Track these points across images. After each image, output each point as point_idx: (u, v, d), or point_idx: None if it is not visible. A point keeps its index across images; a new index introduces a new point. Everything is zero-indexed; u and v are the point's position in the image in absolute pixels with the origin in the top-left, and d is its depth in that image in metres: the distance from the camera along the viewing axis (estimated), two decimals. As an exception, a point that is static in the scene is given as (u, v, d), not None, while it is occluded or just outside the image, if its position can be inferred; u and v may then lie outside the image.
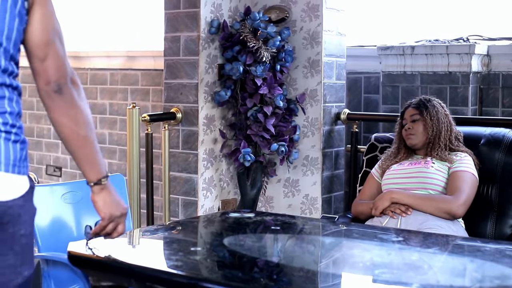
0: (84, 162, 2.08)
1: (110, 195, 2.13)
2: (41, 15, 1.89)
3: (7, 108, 1.83)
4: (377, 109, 4.55)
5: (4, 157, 1.81)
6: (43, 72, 1.93)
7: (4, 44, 1.83)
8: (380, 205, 3.20)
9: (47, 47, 1.91)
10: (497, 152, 3.43)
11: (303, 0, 4.17)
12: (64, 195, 2.89)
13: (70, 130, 1.99)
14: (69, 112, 1.96)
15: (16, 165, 1.83)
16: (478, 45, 4.15)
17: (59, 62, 1.93)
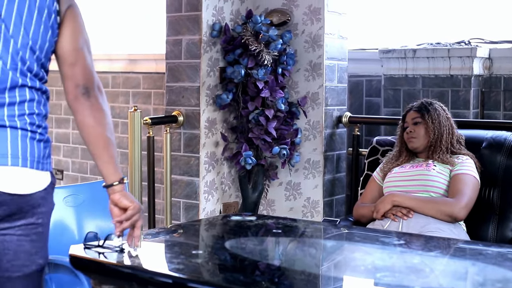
0: (108, 162, 2.18)
1: (127, 192, 2.24)
2: (72, 28, 2.13)
3: (35, 110, 2.05)
4: (379, 112, 4.55)
5: (29, 155, 2.02)
6: (72, 76, 2.13)
7: (37, 52, 2.05)
8: (382, 208, 3.19)
9: (77, 53, 2.12)
10: (498, 155, 3.42)
11: (305, 3, 4.17)
12: (65, 198, 2.90)
13: (95, 131, 2.14)
14: (95, 114, 2.13)
15: (40, 162, 2.04)
16: (480, 48, 4.15)
17: (87, 68, 2.14)
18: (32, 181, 2.03)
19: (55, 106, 5.74)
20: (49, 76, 2.15)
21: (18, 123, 2.01)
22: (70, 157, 5.65)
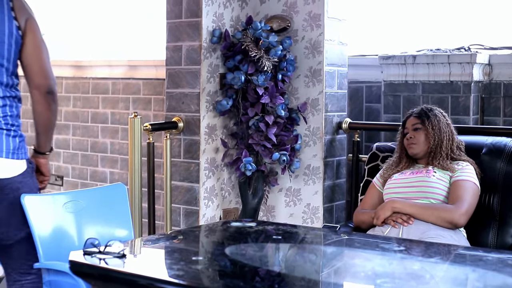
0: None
1: (48, 160, 2.92)
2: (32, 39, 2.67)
3: (8, 112, 2.63)
4: (379, 118, 4.56)
5: (5, 147, 2.61)
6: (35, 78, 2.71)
7: (5, 64, 2.61)
8: (382, 215, 3.19)
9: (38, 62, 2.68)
10: (498, 161, 3.42)
11: (305, 10, 4.18)
12: (65, 204, 2.89)
13: (50, 120, 2.78)
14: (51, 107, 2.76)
15: (15, 153, 2.65)
16: (480, 55, 4.16)
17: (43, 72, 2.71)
18: (9, 168, 2.63)
19: (55, 112, 5.74)
20: None
21: (3, 124, 2.62)
22: (70, 163, 5.65)
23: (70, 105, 5.62)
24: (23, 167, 2.69)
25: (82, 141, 5.57)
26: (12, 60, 2.64)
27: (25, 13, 2.68)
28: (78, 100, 5.56)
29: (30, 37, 2.67)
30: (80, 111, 5.53)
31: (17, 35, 2.64)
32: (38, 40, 2.69)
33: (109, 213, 3.02)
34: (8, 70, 2.63)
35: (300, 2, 4.19)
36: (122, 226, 3.04)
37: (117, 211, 3.05)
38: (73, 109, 5.60)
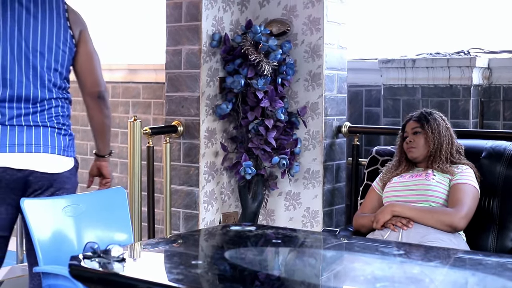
0: None
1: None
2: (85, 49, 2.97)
3: (60, 112, 2.92)
4: (378, 122, 4.56)
5: (57, 145, 2.87)
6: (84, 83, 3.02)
7: (59, 69, 2.90)
8: (381, 218, 3.19)
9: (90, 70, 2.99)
10: (498, 165, 3.42)
11: (304, 14, 4.18)
12: (65, 208, 2.89)
13: (103, 123, 3.08)
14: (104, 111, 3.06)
15: (65, 150, 2.90)
16: (479, 58, 4.16)
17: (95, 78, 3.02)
18: (60, 164, 2.88)
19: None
20: None
21: (48, 123, 2.87)
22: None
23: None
24: (70, 164, 2.94)
25: (81, 145, 5.57)
26: (66, 66, 2.92)
27: (79, 25, 2.97)
28: (77, 103, 5.54)
29: (83, 47, 2.96)
30: (80, 115, 5.53)
31: (71, 44, 2.93)
32: (91, 50, 2.98)
33: (109, 217, 3.02)
34: (62, 75, 2.91)
35: (300, 6, 4.19)
36: (122, 230, 3.04)
37: (116, 215, 3.05)
38: (73, 113, 5.57)
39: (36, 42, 2.85)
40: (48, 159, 2.86)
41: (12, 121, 2.82)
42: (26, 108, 2.84)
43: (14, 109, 2.83)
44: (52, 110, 2.90)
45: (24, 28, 2.83)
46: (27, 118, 2.84)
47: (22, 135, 2.82)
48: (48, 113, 2.89)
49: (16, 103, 2.83)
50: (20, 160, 2.81)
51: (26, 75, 2.83)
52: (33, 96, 2.85)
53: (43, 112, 2.88)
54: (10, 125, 2.82)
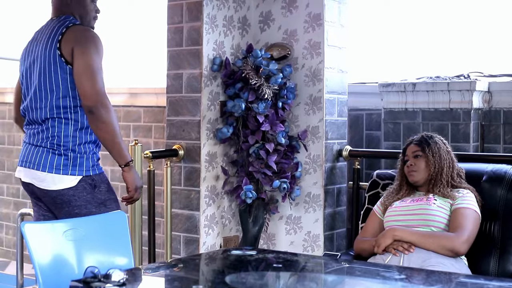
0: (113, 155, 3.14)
1: (134, 173, 3.17)
2: (76, 65, 3.00)
3: (56, 133, 3.03)
4: (379, 145, 4.56)
5: (49, 164, 3.01)
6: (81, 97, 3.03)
7: (54, 89, 3.02)
8: (383, 243, 3.18)
9: (78, 80, 2.99)
10: (499, 189, 3.42)
11: (305, 38, 4.20)
12: (65, 232, 2.88)
13: (101, 137, 3.06)
14: (97, 125, 3.04)
15: (59, 169, 3.01)
16: (479, 82, 4.17)
17: (87, 92, 3.01)
18: (54, 181, 3.00)
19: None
20: None
21: (43, 143, 3.04)
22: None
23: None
24: (72, 182, 3.02)
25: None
26: (62, 85, 3.03)
27: (72, 43, 3.03)
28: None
29: (74, 63, 3.01)
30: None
31: (60, 63, 3.03)
32: (81, 66, 3.00)
33: (109, 241, 3.01)
34: (54, 92, 3.04)
35: (300, 30, 4.21)
36: (122, 254, 3.03)
37: (117, 239, 3.04)
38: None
39: (36, 70, 3.09)
40: (42, 176, 3.05)
41: (27, 139, 3.16)
42: (33, 129, 3.13)
43: (29, 130, 3.17)
44: (49, 130, 3.06)
45: (30, 60, 3.14)
46: (33, 138, 3.12)
47: (27, 152, 3.12)
48: (46, 133, 3.08)
49: (29, 125, 3.16)
50: (24, 174, 3.12)
51: (32, 101, 3.11)
52: (35, 119, 3.11)
53: (42, 132, 3.08)
54: (25, 143, 3.17)
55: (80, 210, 3.02)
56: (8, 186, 6.18)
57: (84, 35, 3.11)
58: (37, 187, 3.10)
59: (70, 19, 3.16)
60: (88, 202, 3.04)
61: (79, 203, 3.03)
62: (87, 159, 3.09)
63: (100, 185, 3.11)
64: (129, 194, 3.19)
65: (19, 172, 3.18)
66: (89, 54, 3.03)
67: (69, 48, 3.03)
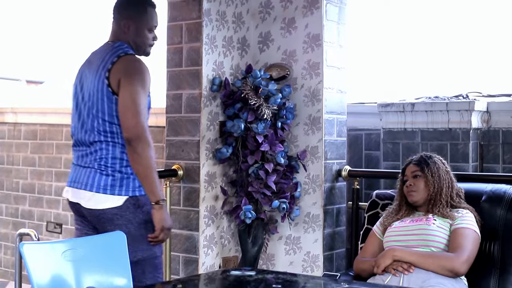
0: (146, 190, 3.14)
1: (163, 213, 3.13)
2: (121, 95, 3.07)
3: (104, 155, 3.11)
4: (378, 165, 4.56)
5: (96, 184, 3.10)
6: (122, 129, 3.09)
7: (98, 114, 3.12)
8: (382, 263, 3.18)
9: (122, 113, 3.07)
10: (498, 209, 3.42)
11: (304, 58, 4.22)
12: (64, 253, 2.87)
13: (135, 169, 3.10)
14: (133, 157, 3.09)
15: (106, 189, 3.08)
16: (478, 102, 4.18)
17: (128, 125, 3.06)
18: (100, 201, 3.08)
19: (55, 159, 5.75)
20: (51, 129, 2.62)
21: (92, 164, 3.12)
22: (69, 211, 5.62)
23: (70, 152, 5.63)
24: (118, 202, 3.08)
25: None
26: (108, 113, 3.11)
27: (119, 74, 3.10)
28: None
29: (119, 94, 3.08)
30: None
31: (107, 92, 3.10)
32: (123, 96, 3.07)
33: (108, 261, 3.01)
34: (105, 121, 3.12)
35: (299, 51, 4.23)
36: (121, 274, 3.02)
37: (116, 259, 3.03)
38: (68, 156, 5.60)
39: (85, 94, 3.19)
40: (88, 196, 3.12)
41: (75, 161, 3.24)
42: (82, 151, 3.20)
43: (77, 152, 3.24)
44: (97, 152, 3.14)
45: (83, 83, 3.22)
46: (81, 160, 3.19)
47: (75, 173, 3.20)
48: (94, 155, 3.15)
49: (77, 147, 3.23)
50: (72, 194, 3.19)
51: (81, 123, 3.19)
52: (84, 140, 3.18)
53: (91, 154, 3.16)
54: (73, 164, 3.25)
55: (120, 228, 3.03)
56: (7, 206, 6.17)
57: (133, 66, 3.14)
58: (83, 207, 3.15)
59: (123, 47, 3.20)
60: (129, 221, 3.09)
61: (121, 222, 3.08)
62: (133, 180, 3.12)
63: (143, 206, 3.13)
64: (155, 233, 3.14)
65: (66, 192, 3.25)
66: (134, 87, 3.08)
67: (116, 79, 3.10)
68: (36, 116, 5.99)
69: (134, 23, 3.25)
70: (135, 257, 3.03)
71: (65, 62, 6.72)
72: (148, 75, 3.15)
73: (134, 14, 3.26)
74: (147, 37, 3.29)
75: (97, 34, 6.41)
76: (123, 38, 3.25)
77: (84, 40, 7.75)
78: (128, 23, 3.25)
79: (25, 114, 6.11)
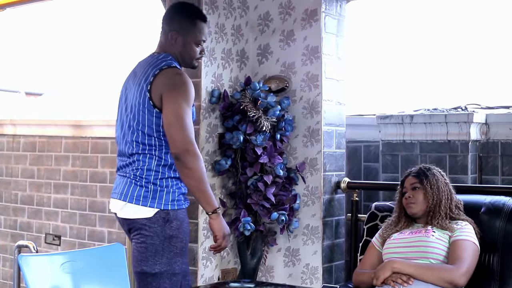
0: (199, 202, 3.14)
1: (221, 221, 3.11)
2: (164, 110, 3.04)
3: (140, 166, 3.10)
4: (377, 177, 4.56)
5: (130, 194, 3.09)
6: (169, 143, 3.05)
7: (141, 128, 3.09)
8: (381, 275, 3.17)
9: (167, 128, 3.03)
10: (497, 221, 3.41)
11: (303, 71, 4.22)
12: (63, 265, 2.88)
13: (187, 183, 3.07)
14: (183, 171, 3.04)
15: (139, 200, 3.07)
16: (476, 114, 4.18)
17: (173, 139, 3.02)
18: (132, 211, 3.07)
19: (54, 171, 5.75)
20: (50, 141, 2.54)
21: (129, 174, 3.12)
22: (68, 223, 5.63)
23: (69, 164, 5.63)
24: (149, 214, 3.06)
25: (80, 201, 5.56)
26: (148, 125, 3.09)
27: (161, 88, 3.06)
28: (77, 159, 5.57)
29: (163, 110, 3.04)
30: (79, 170, 5.53)
31: (149, 106, 3.07)
32: (168, 112, 3.03)
33: (107, 273, 3.01)
34: (144, 133, 3.10)
35: (298, 63, 4.24)
36: (120, 286, 3.02)
37: (115, 271, 3.03)
38: (72, 169, 5.60)
39: (128, 105, 3.18)
40: (121, 205, 3.12)
41: (117, 170, 3.27)
42: (123, 161, 3.22)
43: (119, 161, 3.26)
44: (135, 163, 3.13)
45: (127, 93, 3.23)
46: (122, 169, 3.22)
47: (116, 183, 3.25)
48: (131, 166, 3.14)
49: (119, 156, 3.26)
50: (112, 204, 3.23)
51: (122, 134, 3.21)
52: (124, 151, 3.20)
53: (129, 165, 3.16)
54: (116, 173, 3.29)
55: (145, 239, 3.06)
56: (6, 218, 6.16)
57: (174, 80, 3.09)
58: (117, 216, 3.18)
59: (167, 60, 3.16)
60: (156, 234, 3.05)
61: (148, 233, 3.05)
62: (167, 193, 3.10)
63: (172, 221, 3.08)
64: (217, 242, 3.12)
65: (110, 202, 3.30)
66: (177, 102, 3.04)
67: (158, 93, 3.06)
68: (35, 128, 5.99)
69: (181, 36, 3.21)
70: (154, 270, 3.04)
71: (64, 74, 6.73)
72: (191, 87, 3.11)
73: (182, 26, 3.21)
74: (194, 51, 3.25)
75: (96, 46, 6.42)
76: (169, 50, 3.22)
77: (83, 53, 7.76)
78: (175, 35, 3.20)
79: (24, 126, 6.11)
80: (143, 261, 3.05)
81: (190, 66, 3.31)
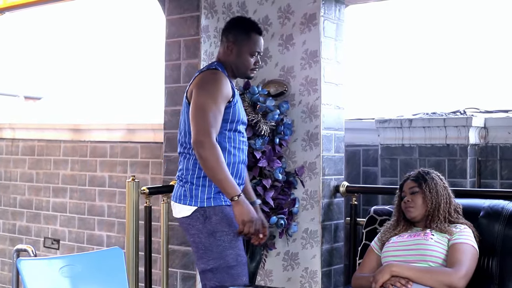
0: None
1: (242, 207, 3.16)
2: (191, 106, 3.22)
3: (180, 166, 3.31)
4: (376, 181, 4.56)
5: (174, 193, 3.32)
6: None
7: (182, 128, 3.31)
8: (380, 279, 3.17)
9: (191, 123, 3.19)
10: (496, 224, 3.41)
11: (302, 75, 4.23)
12: (62, 269, 2.87)
13: (206, 174, 3.16)
14: (200, 162, 3.15)
15: (180, 198, 3.26)
16: (475, 118, 4.18)
17: (189, 132, 3.23)
18: (176, 209, 3.29)
19: (52, 175, 5.74)
20: (48, 145, 2.54)
21: (177, 175, 3.32)
22: (67, 227, 5.63)
23: (68, 168, 5.63)
24: (187, 212, 3.22)
25: (79, 205, 5.56)
26: (186, 124, 3.26)
27: (194, 85, 3.25)
28: (76, 163, 5.57)
29: (191, 104, 3.23)
30: (78, 174, 5.53)
31: (185, 104, 3.30)
32: (193, 106, 3.20)
33: (106, 277, 3.00)
34: (184, 131, 3.29)
35: (297, 67, 4.24)
36: (119, 290, 3.02)
37: (113, 275, 3.03)
38: (71, 172, 5.60)
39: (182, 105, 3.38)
40: (172, 205, 3.34)
41: None
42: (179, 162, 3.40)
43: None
44: (180, 163, 3.34)
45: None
46: None
47: None
48: (179, 167, 3.35)
49: None
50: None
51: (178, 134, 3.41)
52: (178, 152, 3.41)
53: (178, 165, 3.37)
54: None
55: (194, 238, 3.23)
56: (5, 222, 6.16)
57: (205, 77, 3.27)
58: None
59: (211, 65, 3.37)
60: (200, 231, 3.20)
61: (193, 232, 3.22)
62: (202, 192, 3.23)
63: (211, 217, 3.20)
64: (239, 229, 3.19)
65: None
66: (201, 95, 3.20)
67: (190, 91, 3.27)
68: (34, 132, 5.99)
69: (236, 47, 3.37)
70: (209, 266, 3.20)
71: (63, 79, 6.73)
72: (220, 83, 3.22)
73: (238, 38, 3.37)
74: (248, 61, 3.39)
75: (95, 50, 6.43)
76: (224, 60, 3.39)
77: (82, 57, 7.76)
78: (231, 46, 3.37)
79: (23, 130, 6.12)
80: (199, 260, 3.23)
81: (245, 76, 3.47)
